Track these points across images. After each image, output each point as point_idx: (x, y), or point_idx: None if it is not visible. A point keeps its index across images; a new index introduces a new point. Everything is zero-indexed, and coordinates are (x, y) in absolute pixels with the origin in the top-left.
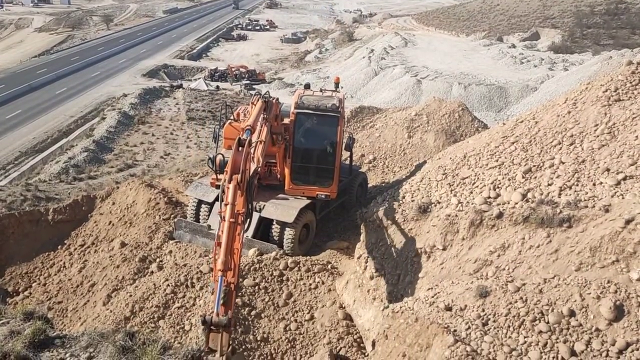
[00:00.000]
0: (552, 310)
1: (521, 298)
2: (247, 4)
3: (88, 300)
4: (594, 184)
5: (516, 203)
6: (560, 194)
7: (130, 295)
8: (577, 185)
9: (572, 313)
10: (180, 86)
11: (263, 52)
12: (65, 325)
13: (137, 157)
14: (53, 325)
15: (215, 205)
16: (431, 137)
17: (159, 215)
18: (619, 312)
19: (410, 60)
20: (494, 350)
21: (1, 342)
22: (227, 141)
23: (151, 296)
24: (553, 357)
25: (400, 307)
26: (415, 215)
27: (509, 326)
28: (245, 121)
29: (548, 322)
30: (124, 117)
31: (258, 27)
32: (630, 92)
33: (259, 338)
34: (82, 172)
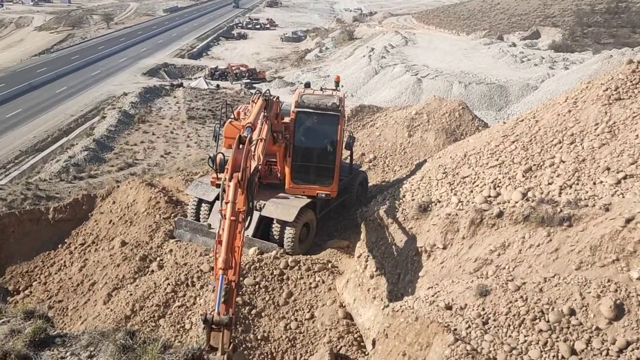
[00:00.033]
0: (553, 309)
1: (521, 297)
2: (247, 2)
3: (88, 299)
4: (595, 183)
5: (516, 202)
6: (560, 193)
7: (131, 294)
8: (578, 184)
9: (572, 312)
10: (181, 85)
11: (263, 51)
12: (65, 324)
13: (138, 156)
14: (53, 324)
15: (216, 204)
16: (431, 136)
17: (160, 214)
18: (619, 311)
19: (411, 59)
20: (494, 349)
21: (2, 340)
22: (227, 140)
23: (152, 295)
24: (553, 356)
25: (401, 306)
26: (415, 214)
27: (509, 325)
28: (245, 120)
29: (548, 321)
30: (124, 116)
31: (258, 26)
32: (631, 91)
33: (259, 337)
34: (83, 171)
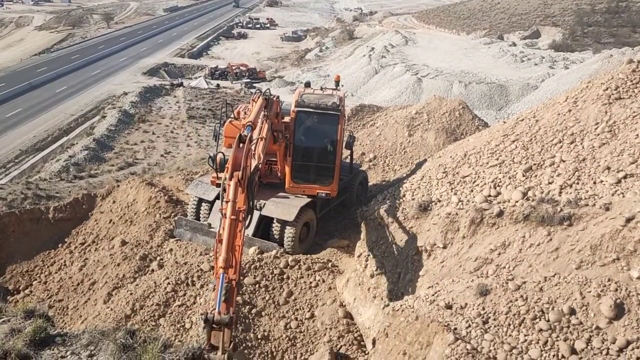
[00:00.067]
0: (553, 309)
1: (521, 296)
2: (247, 2)
3: (89, 299)
4: (595, 183)
5: (517, 201)
6: (560, 193)
7: (131, 294)
8: (578, 183)
9: (572, 311)
10: (181, 84)
11: (263, 51)
12: (66, 323)
13: (138, 156)
14: (54, 323)
15: (216, 203)
16: (432, 135)
17: (160, 214)
18: (619, 311)
19: (411, 58)
20: (494, 349)
21: (2, 340)
22: (227, 139)
23: (152, 294)
24: (553, 355)
25: (401, 305)
26: (415, 213)
27: (509, 324)
28: (245, 119)
29: (548, 321)
30: (124, 115)
31: (258, 26)
32: (631, 90)
33: (259, 336)
34: (83, 171)
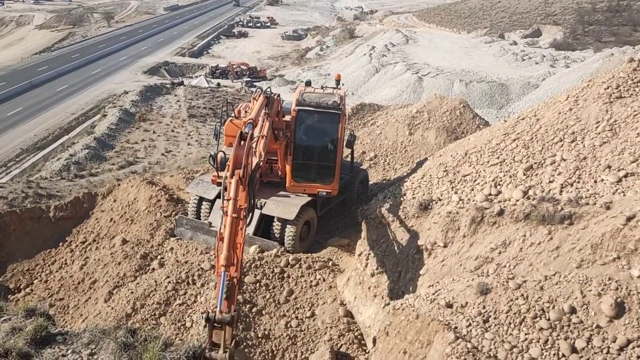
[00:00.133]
0: (553, 307)
1: (522, 295)
2: (247, 1)
3: (89, 297)
4: (595, 181)
5: (517, 200)
6: (561, 191)
7: (132, 292)
8: (579, 182)
9: (573, 310)
10: (181, 83)
11: (264, 50)
12: (66, 322)
13: (138, 155)
14: (54, 322)
15: (216, 202)
16: (432, 134)
17: (160, 213)
18: (619, 309)
19: (412, 57)
20: (495, 347)
21: (3, 339)
22: (228, 138)
23: (152, 293)
24: (554, 354)
25: (401, 304)
26: (416, 212)
27: (509, 323)
28: (246, 117)
29: (549, 319)
30: (125, 114)
31: (259, 24)
32: (632, 89)
33: (260, 335)
34: (83, 169)
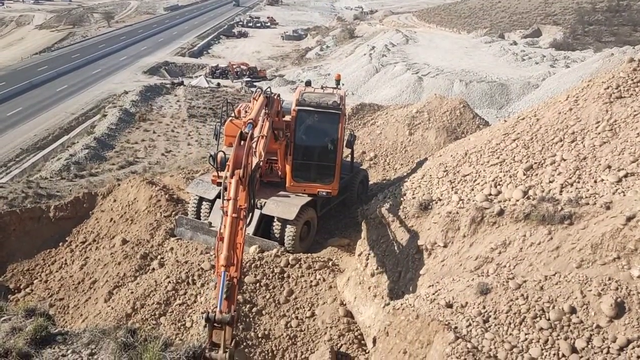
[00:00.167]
0: (553, 307)
1: (522, 295)
2: (247, 1)
3: (89, 297)
4: (595, 181)
5: (517, 200)
6: (561, 191)
7: (132, 292)
8: (579, 182)
9: (573, 310)
10: (181, 83)
11: (264, 50)
12: (66, 322)
13: (138, 155)
14: (54, 322)
15: (217, 202)
16: (432, 134)
17: (160, 213)
18: (619, 309)
19: (412, 57)
20: (495, 347)
21: (3, 339)
22: (228, 138)
23: (152, 293)
24: (554, 354)
25: (401, 304)
26: (416, 212)
27: (509, 323)
28: (246, 117)
29: (549, 319)
30: (125, 114)
31: (259, 24)
32: (632, 89)
33: (260, 335)
34: (83, 169)
